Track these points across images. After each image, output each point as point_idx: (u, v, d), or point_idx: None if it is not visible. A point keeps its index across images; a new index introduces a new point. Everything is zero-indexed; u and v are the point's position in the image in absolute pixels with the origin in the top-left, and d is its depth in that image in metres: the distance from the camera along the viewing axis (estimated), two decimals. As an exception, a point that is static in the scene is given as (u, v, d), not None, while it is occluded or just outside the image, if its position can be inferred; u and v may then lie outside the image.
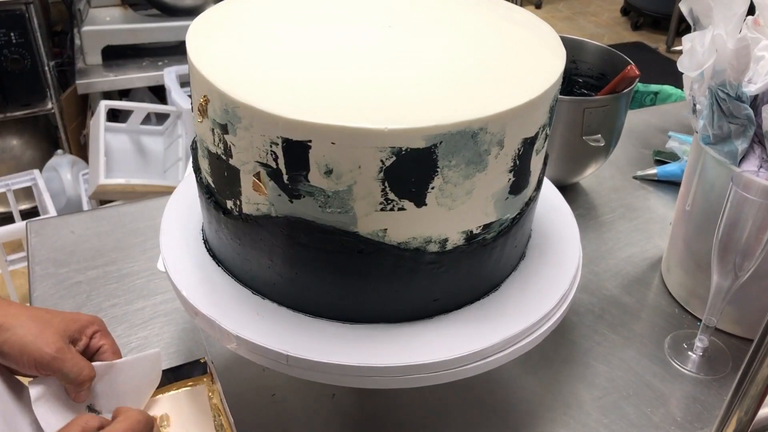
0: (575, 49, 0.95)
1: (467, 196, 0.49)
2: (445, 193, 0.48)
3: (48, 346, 0.49)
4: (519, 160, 0.51)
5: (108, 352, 0.54)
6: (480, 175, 0.49)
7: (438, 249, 0.51)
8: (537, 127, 0.51)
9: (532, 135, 0.51)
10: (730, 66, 0.65)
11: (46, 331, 0.50)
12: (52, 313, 0.53)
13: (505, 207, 0.53)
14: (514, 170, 0.51)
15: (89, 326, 0.54)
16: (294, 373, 0.52)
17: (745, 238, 0.60)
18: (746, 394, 0.43)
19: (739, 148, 0.67)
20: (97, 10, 2.12)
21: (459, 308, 0.56)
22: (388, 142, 0.45)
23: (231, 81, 0.48)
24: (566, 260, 0.62)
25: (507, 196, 0.52)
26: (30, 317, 0.50)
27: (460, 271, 0.53)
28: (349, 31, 0.56)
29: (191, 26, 0.55)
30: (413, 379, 0.51)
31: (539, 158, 0.56)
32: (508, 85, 0.50)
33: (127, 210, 0.91)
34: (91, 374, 0.51)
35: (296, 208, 0.49)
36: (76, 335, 0.53)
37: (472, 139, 0.46)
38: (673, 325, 0.76)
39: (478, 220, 0.52)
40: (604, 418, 0.65)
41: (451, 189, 0.48)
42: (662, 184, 1.01)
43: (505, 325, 0.54)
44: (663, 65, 3.43)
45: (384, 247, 0.50)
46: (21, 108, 1.99)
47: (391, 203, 0.48)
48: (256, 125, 0.47)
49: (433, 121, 0.45)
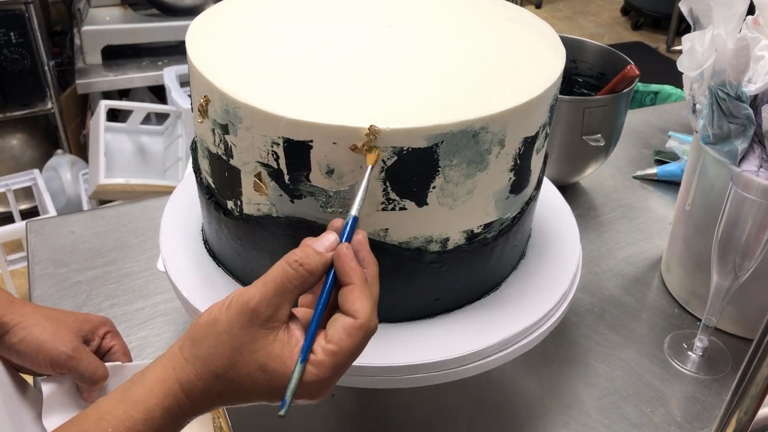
0: (575, 49, 0.95)
1: (468, 195, 0.49)
2: (447, 193, 0.48)
3: (64, 345, 0.50)
4: (519, 159, 0.51)
5: (119, 352, 0.55)
6: (481, 175, 0.49)
7: (439, 248, 0.51)
8: (537, 127, 0.51)
9: (533, 134, 0.51)
10: (729, 66, 0.65)
11: (61, 330, 0.51)
12: (65, 313, 0.53)
13: (505, 206, 0.53)
14: (515, 169, 0.51)
15: (101, 327, 0.55)
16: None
17: (745, 238, 0.60)
18: (746, 394, 0.43)
19: (739, 147, 0.67)
20: (96, 10, 2.12)
21: (460, 308, 0.56)
22: (390, 141, 0.45)
23: (232, 81, 0.48)
24: (566, 260, 0.62)
25: (508, 195, 0.52)
26: (45, 317, 0.51)
27: (461, 270, 0.54)
28: (350, 31, 0.56)
29: (190, 26, 0.55)
30: (414, 379, 0.51)
31: (539, 157, 0.56)
32: (508, 85, 0.50)
33: (127, 210, 0.91)
34: (104, 374, 0.52)
35: (297, 208, 0.49)
36: (89, 335, 0.53)
37: (473, 139, 0.46)
38: (673, 325, 0.76)
39: (479, 220, 0.52)
40: (604, 418, 0.65)
41: (452, 188, 0.48)
42: (662, 184, 1.01)
43: (506, 324, 0.54)
44: (663, 65, 3.43)
45: (385, 246, 0.50)
46: (21, 108, 1.99)
47: (392, 203, 0.48)
48: (257, 125, 0.47)
49: (434, 120, 0.45)
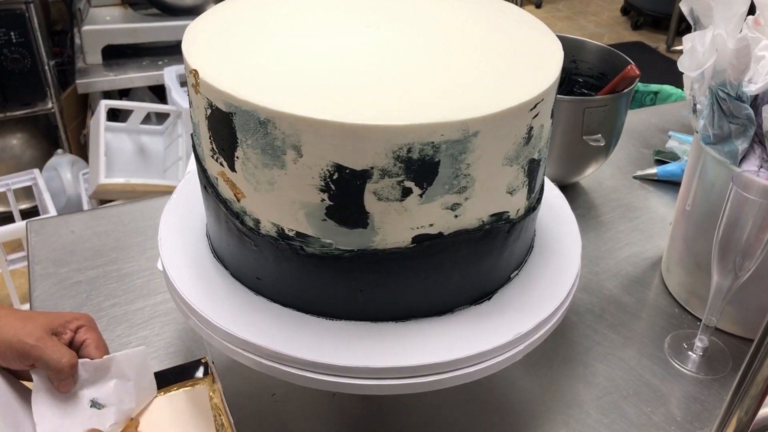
0: (575, 49, 0.95)
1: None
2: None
3: (29, 337, 0.50)
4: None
5: (91, 346, 0.54)
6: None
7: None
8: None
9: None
10: (730, 66, 0.65)
11: (28, 325, 0.51)
12: (39, 312, 0.54)
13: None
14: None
15: (73, 321, 0.54)
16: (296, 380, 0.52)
17: (745, 238, 0.60)
18: (746, 394, 0.43)
19: (740, 148, 0.67)
20: (97, 10, 2.12)
21: (460, 308, 0.56)
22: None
23: (232, 81, 0.48)
24: (567, 260, 0.61)
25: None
26: (16, 317, 0.52)
27: (463, 269, 0.53)
28: (348, 31, 0.56)
29: (184, 39, 0.54)
30: (411, 385, 0.51)
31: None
32: (505, 85, 0.50)
33: (127, 210, 0.91)
34: (72, 361, 0.51)
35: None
36: (60, 329, 0.53)
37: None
38: (673, 325, 0.76)
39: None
40: (604, 418, 0.65)
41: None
42: (662, 184, 1.01)
43: (507, 327, 0.54)
44: (663, 65, 3.43)
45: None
46: (21, 107, 1.99)
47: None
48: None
49: (431, 119, 0.45)
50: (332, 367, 0.50)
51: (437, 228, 0.50)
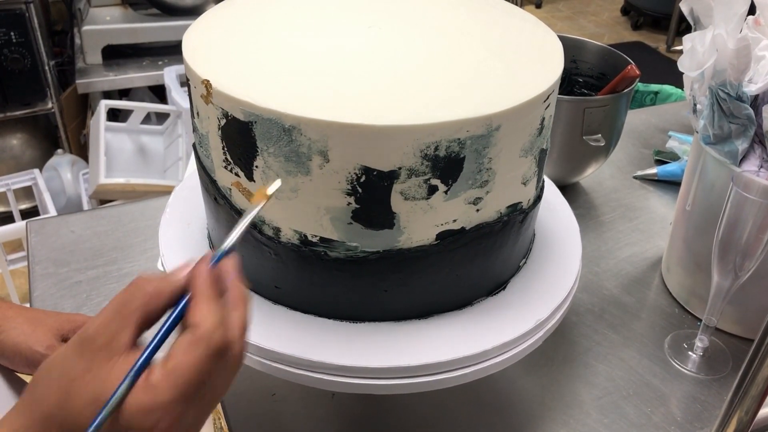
0: (575, 49, 0.95)
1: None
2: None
3: (38, 345, 0.50)
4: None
5: None
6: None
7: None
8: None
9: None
10: (730, 66, 0.65)
11: (38, 330, 0.51)
12: (48, 313, 0.53)
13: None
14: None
15: (83, 326, 0.54)
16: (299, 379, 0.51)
17: (745, 238, 0.60)
18: (746, 394, 0.43)
19: (740, 148, 0.67)
20: (97, 10, 2.12)
21: (478, 300, 0.56)
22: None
23: (250, 89, 0.47)
24: (567, 261, 0.62)
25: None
26: (25, 319, 0.51)
27: (482, 261, 0.54)
28: (349, 32, 0.56)
29: (185, 44, 0.53)
30: (410, 385, 0.51)
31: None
32: (518, 80, 0.50)
33: (127, 210, 0.91)
34: None
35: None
36: (69, 335, 0.53)
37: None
38: (673, 325, 0.76)
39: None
40: (604, 418, 0.65)
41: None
42: (662, 184, 1.01)
43: (527, 314, 0.55)
44: (663, 65, 3.43)
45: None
46: (21, 107, 1.99)
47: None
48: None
49: (436, 118, 0.45)
50: (363, 370, 0.50)
51: (460, 223, 0.50)
